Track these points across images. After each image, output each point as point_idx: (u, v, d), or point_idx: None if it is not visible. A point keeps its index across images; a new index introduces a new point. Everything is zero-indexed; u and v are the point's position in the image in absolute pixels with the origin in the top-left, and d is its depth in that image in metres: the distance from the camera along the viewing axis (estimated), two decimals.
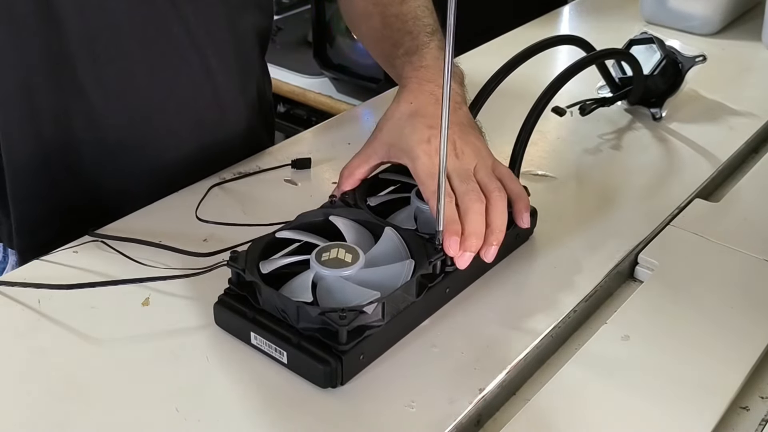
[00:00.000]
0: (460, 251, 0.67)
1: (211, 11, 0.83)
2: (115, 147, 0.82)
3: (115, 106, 0.81)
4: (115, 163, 0.83)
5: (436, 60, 0.79)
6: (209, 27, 0.83)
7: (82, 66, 0.77)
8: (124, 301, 0.69)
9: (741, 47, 1.24)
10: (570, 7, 1.41)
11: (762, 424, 0.61)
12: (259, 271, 0.65)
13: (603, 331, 0.68)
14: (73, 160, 0.82)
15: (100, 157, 0.82)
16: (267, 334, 0.63)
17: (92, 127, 0.80)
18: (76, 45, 0.76)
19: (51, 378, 0.62)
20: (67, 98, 0.78)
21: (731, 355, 0.65)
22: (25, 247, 0.83)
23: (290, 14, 1.94)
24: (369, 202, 0.74)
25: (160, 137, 0.84)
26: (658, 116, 1.00)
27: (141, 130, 0.83)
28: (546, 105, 0.80)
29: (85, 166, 0.82)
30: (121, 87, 0.80)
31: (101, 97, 0.79)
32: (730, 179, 0.94)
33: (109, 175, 0.84)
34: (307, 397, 0.61)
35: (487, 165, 0.73)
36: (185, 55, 0.83)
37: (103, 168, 0.83)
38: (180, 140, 0.86)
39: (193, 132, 0.87)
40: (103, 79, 0.79)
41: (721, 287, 0.73)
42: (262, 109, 0.96)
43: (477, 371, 0.63)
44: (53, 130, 0.79)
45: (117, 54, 0.78)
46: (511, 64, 0.85)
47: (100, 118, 0.80)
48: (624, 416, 0.60)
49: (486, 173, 0.72)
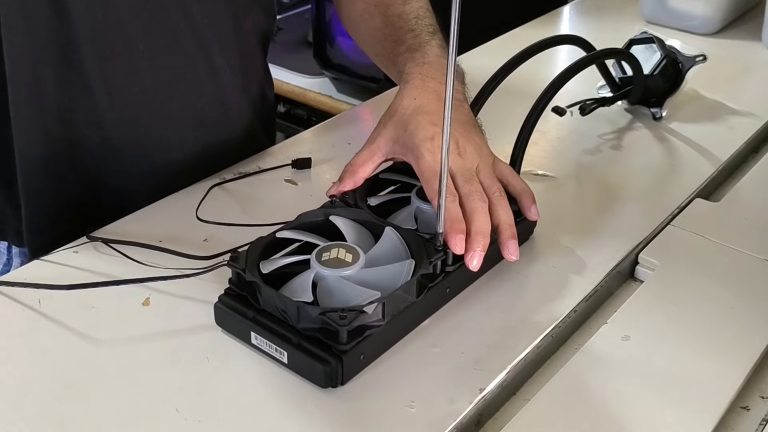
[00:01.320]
0: (469, 252, 0.67)
1: (217, 10, 0.83)
2: (118, 144, 0.82)
3: (119, 102, 0.80)
4: (118, 161, 0.83)
5: (438, 57, 0.79)
6: (214, 26, 0.83)
7: (88, 61, 0.77)
8: (124, 301, 0.69)
9: (741, 47, 1.24)
10: (570, 7, 1.41)
11: (762, 424, 0.61)
12: (260, 271, 0.65)
13: (603, 331, 0.68)
14: (76, 157, 0.82)
15: (103, 154, 0.82)
16: (267, 334, 0.63)
17: (95, 123, 0.80)
18: (83, 38, 0.76)
19: (51, 378, 0.62)
20: (72, 93, 0.78)
21: (731, 354, 0.65)
22: (37, 246, 0.83)
23: (290, 14, 1.94)
24: (369, 201, 0.74)
25: (162, 135, 0.84)
26: (658, 116, 1.00)
27: (144, 127, 0.83)
28: (546, 105, 0.81)
29: (88, 162, 0.82)
30: (125, 83, 0.80)
31: (105, 93, 0.79)
32: (730, 179, 0.94)
33: (111, 173, 0.84)
34: (307, 397, 0.61)
35: (488, 164, 0.74)
36: (190, 53, 0.83)
37: (106, 165, 0.83)
38: (182, 139, 0.86)
39: (195, 131, 0.87)
40: (108, 74, 0.79)
41: (721, 287, 0.73)
42: (263, 109, 0.96)
43: (477, 371, 0.63)
44: (59, 125, 0.79)
45: (122, 49, 0.78)
46: (511, 63, 0.85)
47: (104, 114, 0.80)
48: (624, 416, 0.60)
49: (488, 174, 0.73)
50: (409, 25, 0.83)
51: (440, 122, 0.65)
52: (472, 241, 0.67)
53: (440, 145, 0.63)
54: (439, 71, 0.77)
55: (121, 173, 0.84)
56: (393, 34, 0.84)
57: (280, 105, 1.69)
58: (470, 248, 0.67)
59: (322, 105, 1.62)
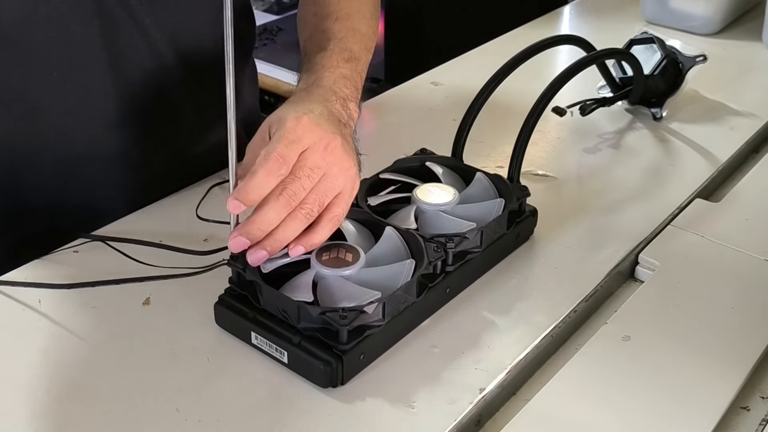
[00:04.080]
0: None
1: (172, 21, 0.79)
2: (77, 162, 0.80)
3: (90, 109, 0.78)
4: (78, 180, 0.81)
5: (333, 84, 0.74)
6: (173, 37, 0.80)
7: (36, 84, 0.75)
8: (124, 301, 0.69)
9: (741, 47, 1.24)
10: (570, 7, 1.41)
11: (762, 424, 0.61)
12: (260, 271, 0.65)
13: (603, 331, 0.68)
14: (33, 177, 0.79)
15: (64, 174, 0.80)
16: (267, 334, 0.63)
17: (50, 144, 0.78)
18: (28, 63, 0.73)
19: (51, 378, 0.62)
20: (19, 117, 0.76)
21: (731, 355, 0.65)
22: None
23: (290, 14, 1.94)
24: (369, 201, 0.74)
25: (135, 140, 0.82)
26: (658, 116, 1.00)
27: (118, 133, 0.80)
28: (546, 105, 0.80)
29: (59, 170, 0.80)
30: (77, 104, 0.77)
31: (57, 115, 0.77)
32: (730, 179, 0.94)
33: (72, 191, 0.81)
34: (307, 396, 0.61)
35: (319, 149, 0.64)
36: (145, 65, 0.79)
37: (67, 185, 0.81)
38: (144, 157, 0.83)
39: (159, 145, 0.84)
40: (59, 96, 0.76)
41: (722, 287, 0.73)
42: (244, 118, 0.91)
43: (477, 371, 0.63)
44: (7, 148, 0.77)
45: (71, 71, 0.75)
46: (511, 64, 0.85)
47: (58, 135, 0.78)
48: (624, 416, 0.60)
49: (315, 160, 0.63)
50: (325, 44, 0.78)
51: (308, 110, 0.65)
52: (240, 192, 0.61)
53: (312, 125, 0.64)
54: (326, 97, 0.72)
55: (83, 190, 0.82)
56: (307, 49, 0.80)
57: (280, 105, 1.68)
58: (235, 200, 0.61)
59: None
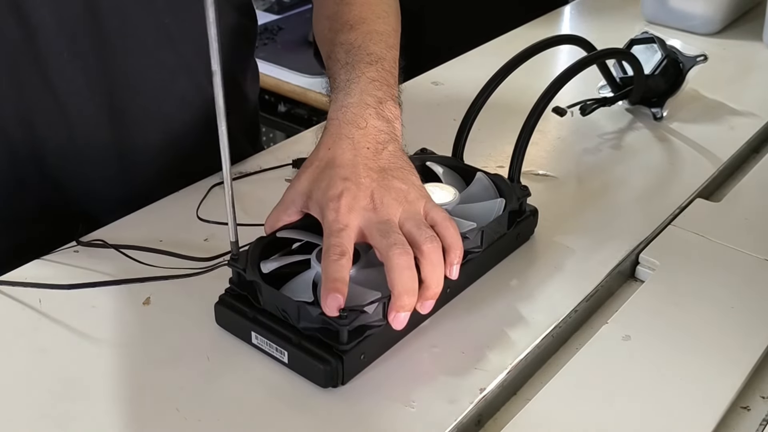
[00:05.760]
0: (391, 313, 0.61)
1: (183, 5, 0.80)
2: (83, 148, 0.80)
3: (82, 104, 0.78)
4: (84, 166, 0.81)
5: (362, 95, 0.73)
6: (184, 24, 0.81)
7: (47, 62, 0.75)
8: (124, 301, 0.69)
9: (742, 47, 1.24)
10: (570, 7, 1.41)
11: (763, 424, 0.61)
12: (260, 271, 0.65)
13: (603, 331, 0.68)
14: (39, 161, 0.80)
15: (68, 159, 0.80)
16: (268, 334, 0.63)
17: (57, 125, 0.78)
18: (41, 39, 0.74)
19: (51, 378, 0.62)
20: (30, 95, 0.76)
21: (732, 354, 0.65)
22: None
23: (291, 14, 1.94)
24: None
25: (129, 137, 0.82)
26: (659, 116, 1.00)
27: (110, 130, 0.81)
28: (546, 105, 0.80)
29: (52, 164, 0.80)
30: (87, 84, 0.78)
31: (67, 95, 0.77)
32: (731, 179, 0.94)
33: (77, 178, 0.82)
34: (307, 396, 0.61)
35: (414, 210, 0.66)
36: (157, 54, 0.80)
37: (72, 170, 0.81)
38: (148, 142, 0.83)
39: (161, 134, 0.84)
40: (68, 75, 0.76)
41: (722, 287, 0.73)
42: (243, 113, 0.92)
43: (477, 371, 0.63)
44: (18, 128, 0.77)
45: (85, 49, 0.76)
46: (511, 64, 0.85)
47: (67, 117, 0.78)
48: (624, 416, 0.60)
49: (414, 223, 0.65)
50: (346, 58, 0.77)
51: (352, 176, 0.65)
52: (395, 301, 0.61)
53: (348, 203, 0.63)
54: (359, 114, 0.71)
55: (89, 178, 0.82)
56: (331, 69, 0.79)
57: (280, 104, 1.69)
58: (392, 309, 0.61)
59: (323, 104, 1.61)
